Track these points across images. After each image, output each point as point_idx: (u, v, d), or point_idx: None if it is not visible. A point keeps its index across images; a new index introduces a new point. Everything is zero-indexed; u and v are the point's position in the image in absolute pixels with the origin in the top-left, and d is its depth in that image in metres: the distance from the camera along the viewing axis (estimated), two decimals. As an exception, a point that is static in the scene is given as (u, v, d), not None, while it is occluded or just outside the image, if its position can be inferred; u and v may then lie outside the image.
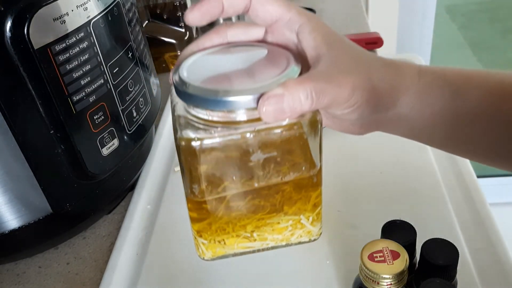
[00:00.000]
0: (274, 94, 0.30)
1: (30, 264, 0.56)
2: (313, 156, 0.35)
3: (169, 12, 0.87)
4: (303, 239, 0.39)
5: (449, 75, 0.37)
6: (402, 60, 0.80)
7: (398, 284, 0.36)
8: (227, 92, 0.30)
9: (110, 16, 0.49)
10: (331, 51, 0.34)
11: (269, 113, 0.30)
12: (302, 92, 0.30)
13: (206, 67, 0.35)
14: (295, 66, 0.33)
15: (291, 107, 0.30)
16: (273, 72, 0.32)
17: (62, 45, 0.44)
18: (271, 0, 0.35)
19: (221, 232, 0.38)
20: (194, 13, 0.35)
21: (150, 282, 0.50)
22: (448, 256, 0.39)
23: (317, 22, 0.35)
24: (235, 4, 0.35)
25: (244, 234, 0.38)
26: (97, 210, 0.58)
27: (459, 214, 0.53)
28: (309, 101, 0.31)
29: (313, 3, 1.02)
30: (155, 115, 0.62)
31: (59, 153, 0.48)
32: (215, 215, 0.36)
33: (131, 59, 0.54)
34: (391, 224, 0.42)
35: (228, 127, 0.32)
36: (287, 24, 0.36)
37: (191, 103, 0.32)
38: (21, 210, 0.50)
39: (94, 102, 0.48)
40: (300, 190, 0.37)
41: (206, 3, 0.35)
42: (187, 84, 0.32)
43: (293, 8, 0.35)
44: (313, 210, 0.38)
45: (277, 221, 0.38)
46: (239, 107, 0.31)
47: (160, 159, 0.66)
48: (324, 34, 0.35)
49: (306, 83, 0.31)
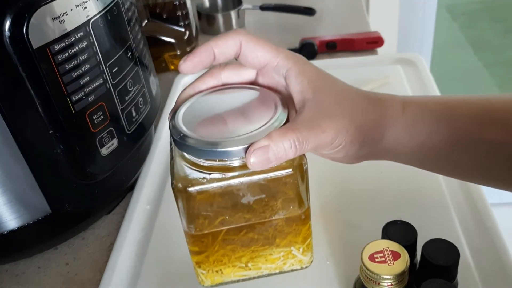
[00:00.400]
0: (260, 146, 0.33)
1: (30, 265, 0.56)
2: (301, 195, 0.38)
3: (169, 11, 0.87)
4: (295, 267, 0.43)
5: (432, 107, 0.39)
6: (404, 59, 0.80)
7: (399, 285, 0.36)
8: (218, 144, 0.34)
9: (109, 16, 0.49)
10: (316, 95, 0.36)
11: (255, 163, 0.33)
12: (286, 142, 0.33)
13: (200, 114, 0.38)
14: (281, 112, 0.36)
15: (276, 156, 0.33)
16: (262, 118, 0.35)
17: (61, 44, 0.44)
18: (260, 46, 0.38)
19: (218, 263, 0.41)
20: (187, 64, 0.38)
21: (150, 283, 0.50)
22: (448, 256, 0.39)
23: (304, 66, 0.38)
24: (225, 52, 0.38)
25: (240, 264, 0.41)
26: (96, 210, 0.58)
27: (460, 215, 0.52)
28: (292, 150, 0.33)
29: (313, 3, 1.02)
30: (155, 115, 0.62)
31: (58, 153, 0.47)
32: (211, 248, 0.39)
33: (130, 58, 0.54)
34: (391, 224, 0.42)
35: (220, 172, 0.35)
36: (275, 69, 0.38)
37: (186, 152, 0.35)
38: (20, 211, 0.49)
39: (93, 102, 0.48)
40: (291, 224, 0.39)
41: (198, 54, 0.38)
42: (183, 135, 0.35)
43: (281, 53, 0.38)
44: (303, 242, 0.41)
45: (270, 252, 0.41)
46: (229, 157, 0.34)
47: (159, 159, 0.66)
48: (310, 78, 0.37)
49: (289, 133, 0.33)
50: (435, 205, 0.54)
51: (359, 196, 0.56)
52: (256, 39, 0.38)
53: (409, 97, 0.40)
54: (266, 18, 1.04)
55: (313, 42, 0.87)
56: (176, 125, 0.36)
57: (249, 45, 0.38)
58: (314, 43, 0.86)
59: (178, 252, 0.50)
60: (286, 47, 0.89)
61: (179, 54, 0.88)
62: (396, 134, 0.38)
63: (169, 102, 0.77)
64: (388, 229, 0.42)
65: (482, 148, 0.37)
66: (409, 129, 0.38)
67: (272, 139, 0.33)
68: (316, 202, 0.55)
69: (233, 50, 0.38)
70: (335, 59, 0.86)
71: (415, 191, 0.56)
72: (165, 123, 0.72)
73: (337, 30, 0.96)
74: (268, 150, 0.33)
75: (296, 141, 0.33)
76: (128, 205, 0.59)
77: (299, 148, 0.34)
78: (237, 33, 0.38)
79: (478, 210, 0.52)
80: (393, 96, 0.40)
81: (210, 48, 0.38)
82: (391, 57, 0.81)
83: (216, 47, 0.38)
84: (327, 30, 0.96)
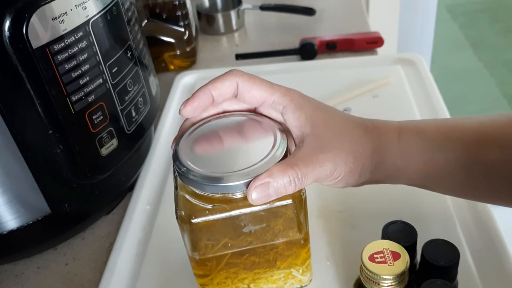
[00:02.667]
0: (260, 182, 0.34)
1: (29, 265, 0.56)
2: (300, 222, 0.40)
3: (169, 11, 0.87)
4: (295, 286, 0.45)
5: (429, 132, 0.40)
6: (404, 59, 0.80)
7: (399, 285, 0.36)
8: (221, 179, 0.35)
9: (109, 16, 0.49)
10: (314, 129, 0.38)
11: (257, 199, 0.34)
12: (286, 178, 0.35)
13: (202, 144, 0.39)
14: (282, 140, 0.38)
15: (276, 192, 0.35)
16: (262, 147, 0.37)
17: (61, 44, 0.44)
18: (256, 85, 0.39)
19: (222, 285, 0.42)
20: (187, 109, 0.39)
21: (149, 283, 0.50)
22: (449, 256, 0.39)
23: (300, 102, 0.39)
24: (223, 94, 0.39)
25: (242, 286, 0.43)
26: (96, 210, 0.58)
27: (460, 215, 0.52)
28: (292, 186, 0.35)
29: (313, 3, 1.01)
30: (155, 115, 0.62)
31: (58, 153, 0.47)
32: (215, 272, 0.41)
33: (130, 58, 0.54)
34: (391, 224, 0.42)
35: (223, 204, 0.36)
36: (272, 106, 0.40)
37: (190, 185, 0.37)
38: (20, 211, 0.49)
39: (93, 102, 0.48)
40: (291, 247, 0.41)
41: (197, 99, 0.39)
42: (186, 169, 0.37)
43: (277, 91, 0.39)
44: (303, 264, 0.43)
45: (271, 274, 0.42)
46: (232, 191, 0.36)
47: (159, 159, 0.66)
48: (307, 113, 0.39)
49: (289, 170, 0.35)
50: (435, 205, 0.54)
51: (359, 196, 0.55)
52: (252, 78, 0.40)
53: (404, 123, 0.41)
54: (266, 18, 1.04)
55: (313, 42, 0.87)
56: (180, 157, 0.38)
57: (245, 85, 0.39)
58: (314, 43, 0.86)
59: (178, 252, 0.50)
60: (286, 47, 0.89)
61: (179, 54, 0.89)
62: (394, 161, 0.40)
63: (169, 102, 0.77)
64: (388, 229, 0.42)
65: (480, 170, 0.39)
66: (406, 157, 0.40)
67: (273, 176, 0.34)
68: (316, 202, 0.55)
69: (230, 91, 0.40)
70: (335, 59, 0.86)
71: (415, 191, 0.56)
72: (165, 123, 0.72)
73: (337, 30, 0.96)
74: (269, 187, 0.34)
75: (296, 178, 0.35)
76: (128, 205, 0.59)
77: (298, 183, 0.35)
78: (233, 75, 0.39)
79: (478, 210, 0.52)
80: (388, 123, 0.41)
81: (208, 91, 0.39)
82: (391, 57, 0.81)
83: (214, 90, 0.39)
84: (327, 30, 0.96)
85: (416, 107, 0.69)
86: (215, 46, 0.98)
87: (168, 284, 0.50)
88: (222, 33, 1.01)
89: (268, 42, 0.96)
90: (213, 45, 0.98)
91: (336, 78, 0.77)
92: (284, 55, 0.88)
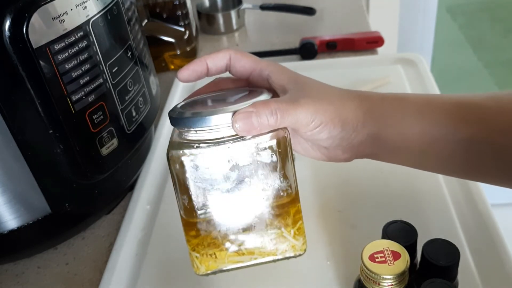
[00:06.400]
0: (244, 111, 0.37)
1: (29, 265, 0.56)
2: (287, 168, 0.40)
3: (169, 11, 0.87)
4: (288, 254, 0.43)
5: (410, 98, 0.42)
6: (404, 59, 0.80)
7: (399, 285, 0.36)
8: (208, 114, 0.37)
9: (109, 15, 0.49)
10: (296, 85, 0.41)
11: (240, 127, 0.37)
12: (267, 109, 0.37)
13: (198, 102, 0.43)
14: (266, 94, 0.41)
15: (259, 122, 0.37)
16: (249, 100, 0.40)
17: (61, 44, 0.44)
18: (245, 57, 0.44)
19: (212, 246, 0.42)
20: (183, 72, 0.44)
21: (149, 283, 0.50)
22: (449, 256, 0.39)
23: (283, 68, 0.43)
24: (217, 63, 0.44)
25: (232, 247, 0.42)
26: (96, 210, 0.58)
27: (460, 215, 0.52)
28: (273, 117, 0.37)
29: (313, 2, 1.01)
30: (155, 114, 0.62)
31: (58, 153, 0.47)
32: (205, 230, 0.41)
33: (130, 58, 0.54)
34: (391, 224, 0.42)
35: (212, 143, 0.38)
36: (259, 73, 0.44)
37: (180, 125, 0.39)
38: (20, 210, 0.49)
39: (93, 101, 0.48)
40: (280, 203, 0.41)
41: (192, 65, 0.44)
42: (177, 111, 0.39)
43: (263, 61, 0.44)
44: (293, 225, 0.42)
45: (261, 234, 0.42)
46: (217, 124, 0.37)
47: (159, 159, 0.66)
48: (290, 75, 0.43)
49: (271, 103, 0.38)
50: (435, 205, 0.54)
51: (359, 196, 0.56)
52: (243, 52, 0.45)
53: (388, 94, 0.43)
54: (266, 18, 1.04)
55: (313, 42, 0.87)
56: (175, 108, 0.41)
57: (237, 57, 0.44)
58: (314, 42, 0.86)
59: (178, 252, 0.50)
60: (286, 46, 0.89)
61: (179, 54, 0.89)
62: (375, 120, 0.40)
63: (169, 101, 0.77)
64: (388, 229, 0.42)
65: (457, 144, 0.39)
66: (387, 117, 0.41)
67: (256, 106, 0.37)
68: (316, 202, 0.55)
69: (223, 62, 0.44)
70: (335, 59, 0.86)
71: (415, 191, 0.56)
72: (165, 123, 0.72)
73: (337, 29, 0.96)
74: (252, 115, 0.37)
75: (278, 110, 0.37)
76: (128, 205, 0.59)
77: (280, 117, 0.37)
78: (227, 49, 0.45)
79: (479, 210, 0.52)
80: (371, 92, 0.43)
81: (204, 60, 0.44)
82: (391, 57, 0.81)
83: (209, 59, 0.44)
84: (327, 30, 0.96)
85: (416, 107, 0.69)
86: (215, 46, 0.98)
87: (168, 284, 0.50)
88: (222, 33, 1.01)
89: (268, 41, 0.96)
90: (213, 44, 0.98)
91: (336, 78, 0.77)
92: (284, 54, 0.88)
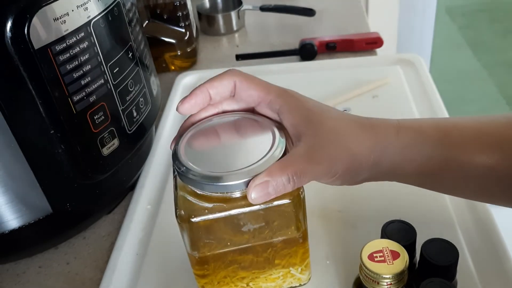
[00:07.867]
0: (260, 182, 0.34)
1: (30, 264, 0.56)
2: (299, 220, 0.40)
3: (169, 12, 0.87)
4: (294, 284, 0.45)
5: (427, 130, 0.40)
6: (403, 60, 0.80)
7: (398, 284, 0.36)
8: (220, 178, 0.35)
9: (110, 16, 0.49)
10: (310, 128, 0.38)
11: (256, 198, 0.35)
12: (284, 177, 0.35)
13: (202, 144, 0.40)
14: (280, 139, 0.38)
15: (275, 190, 0.35)
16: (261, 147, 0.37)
17: (63, 45, 0.44)
18: (253, 85, 0.39)
19: (221, 284, 0.43)
20: (184, 106, 0.40)
21: (150, 282, 0.50)
22: (448, 256, 0.39)
23: (296, 102, 0.39)
24: (221, 92, 0.40)
25: (241, 285, 0.43)
26: (97, 210, 0.58)
27: (459, 214, 0.53)
28: (291, 183, 0.35)
29: (313, 3, 1.02)
30: (155, 115, 0.62)
31: (59, 153, 0.48)
32: (214, 271, 0.41)
33: (131, 59, 0.54)
34: (391, 224, 0.42)
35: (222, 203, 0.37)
36: (269, 106, 0.40)
37: (189, 185, 0.37)
38: (21, 210, 0.50)
39: (94, 102, 0.48)
40: (289, 246, 0.41)
41: (194, 96, 0.40)
42: (186, 168, 0.37)
43: (273, 91, 0.40)
44: (301, 263, 0.43)
45: (270, 273, 0.43)
46: (231, 190, 0.36)
47: (160, 159, 0.66)
48: (303, 112, 0.39)
49: (288, 168, 0.35)
50: (434, 205, 0.54)
51: (359, 196, 0.56)
52: (250, 78, 0.40)
53: (403, 121, 0.41)
54: (266, 19, 1.04)
55: (313, 43, 0.87)
56: (179, 156, 0.38)
57: (243, 85, 0.40)
58: (314, 43, 0.87)
59: (179, 252, 0.50)
60: (286, 47, 0.90)
61: (180, 54, 0.89)
62: (392, 158, 0.39)
63: (170, 102, 0.77)
64: (387, 229, 0.42)
65: (476, 171, 0.38)
66: (404, 154, 0.39)
67: (272, 175, 0.35)
68: (316, 202, 0.56)
69: (228, 90, 0.40)
70: (335, 60, 0.86)
71: (414, 191, 0.56)
72: (165, 123, 0.72)
73: (337, 30, 0.96)
74: (268, 186, 0.35)
75: (294, 176, 0.35)
76: (129, 205, 0.60)
77: (297, 182, 0.35)
78: (231, 74, 0.40)
79: (478, 210, 0.52)
80: (387, 121, 0.41)
81: (206, 90, 0.40)
82: (391, 58, 0.81)
83: (211, 88, 0.40)
84: (327, 31, 0.97)
85: (415, 108, 0.69)
86: (215, 47, 0.98)
87: (169, 283, 0.50)
88: (222, 34, 1.01)
89: (268, 42, 0.96)
90: (214, 45, 0.99)
91: (335, 79, 0.77)
92: (284, 55, 0.88)
